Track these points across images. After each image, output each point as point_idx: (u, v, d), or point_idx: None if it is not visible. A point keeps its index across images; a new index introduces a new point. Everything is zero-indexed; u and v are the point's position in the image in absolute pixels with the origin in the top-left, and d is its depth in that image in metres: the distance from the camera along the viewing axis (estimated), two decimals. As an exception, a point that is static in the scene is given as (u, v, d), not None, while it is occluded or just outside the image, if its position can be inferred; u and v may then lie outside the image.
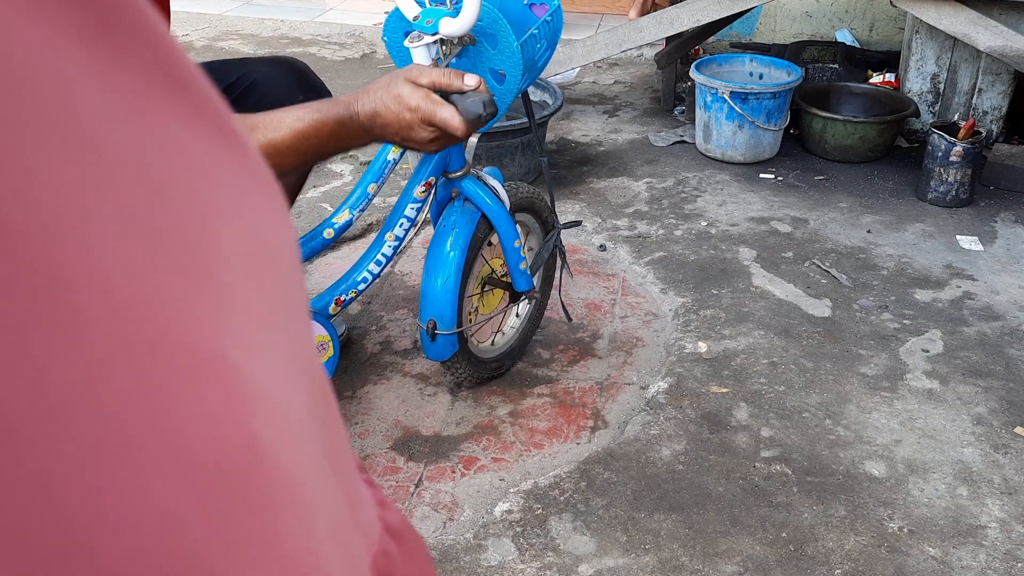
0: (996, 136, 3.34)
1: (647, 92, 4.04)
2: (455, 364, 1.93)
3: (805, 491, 1.77)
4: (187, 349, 0.19)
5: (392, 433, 1.95)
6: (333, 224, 1.80)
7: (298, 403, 0.25)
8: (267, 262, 0.24)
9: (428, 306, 1.79)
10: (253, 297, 0.22)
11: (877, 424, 1.96)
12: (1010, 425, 1.96)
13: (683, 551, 1.63)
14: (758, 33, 4.57)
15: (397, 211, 1.80)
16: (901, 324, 2.32)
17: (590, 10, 5.12)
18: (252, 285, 0.23)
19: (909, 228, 2.82)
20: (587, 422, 1.98)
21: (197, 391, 0.19)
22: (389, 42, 1.71)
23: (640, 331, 2.32)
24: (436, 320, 1.78)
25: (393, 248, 1.81)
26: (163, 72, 0.20)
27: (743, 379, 2.10)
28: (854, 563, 1.60)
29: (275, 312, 0.24)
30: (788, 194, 3.05)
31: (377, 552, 0.32)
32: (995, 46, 2.89)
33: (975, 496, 1.76)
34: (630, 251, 2.68)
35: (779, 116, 3.19)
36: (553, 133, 3.50)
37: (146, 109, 0.19)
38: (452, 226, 1.79)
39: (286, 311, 0.25)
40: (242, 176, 0.23)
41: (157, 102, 0.20)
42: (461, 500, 1.76)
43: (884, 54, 4.02)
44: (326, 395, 0.29)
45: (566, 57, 3.34)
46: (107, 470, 0.18)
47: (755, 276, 2.54)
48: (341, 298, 1.79)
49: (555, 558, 1.61)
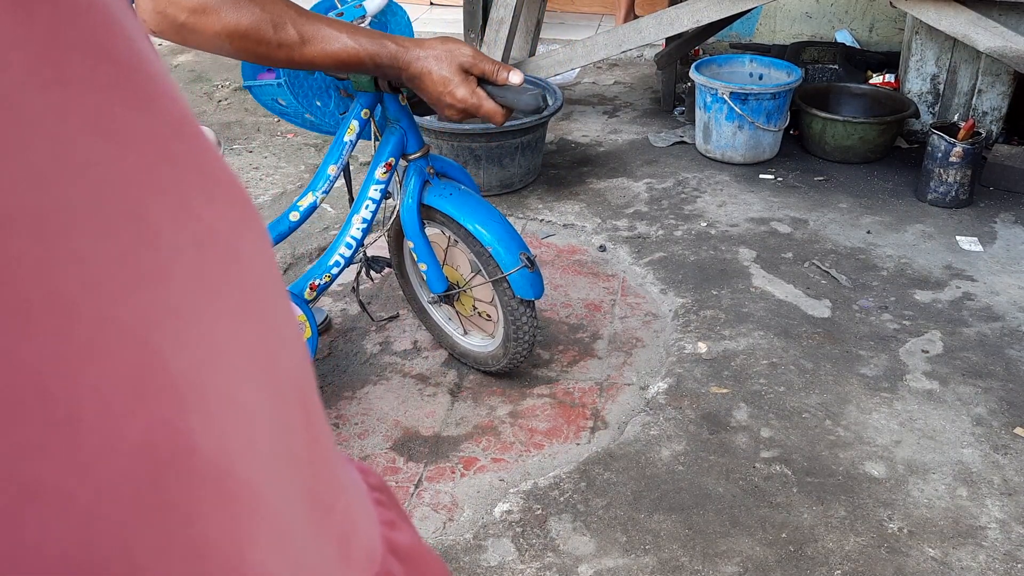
0: (996, 137, 3.34)
1: (647, 93, 4.04)
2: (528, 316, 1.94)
3: (805, 492, 1.77)
4: (118, 339, 0.19)
5: (392, 433, 1.95)
6: (298, 207, 1.84)
7: (255, 405, 0.24)
8: (224, 264, 0.23)
9: (513, 243, 1.82)
10: (201, 296, 0.22)
11: (877, 425, 1.96)
12: (1010, 426, 1.96)
13: (683, 551, 1.63)
14: (758, 34, 4.57)
15: (362, 194, 1.84)
16: (901, 325, 2.32)
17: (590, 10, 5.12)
18: (201, 284, 0.22)
19: (909, 229, 2.83)
20: (587, 422, 1.98)
21: (125, 383, 0.19)
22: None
23: (640, 331, 2.32)
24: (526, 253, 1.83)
25: (362, 231, 1.85)
26: (107, 55, 0.20)
27: (743, 379, 2.10)
28: (854, 564, 1.60)
29: (232, 312, 0.23)
30: (788, 195, 3.05)
31: (379, 573, 0.31)
32: (995, 47, 2.89)
33: (975, 497, 1.76)
34: (630, 251, 2.68)
35: (779, 117, 3.19)
36: (553, 133, 3.50)
37: (69, 79, 0.19)
38: (463, 191, 1.85)
39: (247, 313, 0.24)
40: (194, 177, 0.23)
41: (95, 81, 0.20)
42: (461, 500, 1.76)
43: (884, 55, 4.02)
44: (304, 403, 0.28)
45: (566, 58, 3.34)
46: (32, 442, 0.17)
47: (755, 277, 2.54)
48: (316, 282, 1.84)
49: (555, 558, 1.61)
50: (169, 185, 0.21)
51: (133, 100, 0.20)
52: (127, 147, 0.20)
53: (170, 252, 0.21)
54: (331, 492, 0.30)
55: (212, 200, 0.23)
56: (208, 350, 0.22)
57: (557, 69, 3.39)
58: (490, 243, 1.80)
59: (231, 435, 0.22)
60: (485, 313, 2.02)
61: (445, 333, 2.16)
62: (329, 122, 1.89)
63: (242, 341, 0.24)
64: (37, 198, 0.17)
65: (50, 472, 0.17)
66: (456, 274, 2.03)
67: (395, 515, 0.36)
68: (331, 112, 1.89)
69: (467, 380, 2.12)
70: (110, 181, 0.19)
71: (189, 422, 0.21)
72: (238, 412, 0.23)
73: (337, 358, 2.20)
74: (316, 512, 0.28)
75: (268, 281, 0.26)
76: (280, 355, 0.26)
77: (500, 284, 1.85)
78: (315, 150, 3.41)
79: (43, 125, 0.17)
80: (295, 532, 0.26)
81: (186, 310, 0.21)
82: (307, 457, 0.28)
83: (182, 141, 0.22)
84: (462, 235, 1.86)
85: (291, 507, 0.26)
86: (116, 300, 0.19)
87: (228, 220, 0.24)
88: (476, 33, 3.94)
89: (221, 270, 0.23)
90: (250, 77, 1.85)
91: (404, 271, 2.17)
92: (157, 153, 0.21)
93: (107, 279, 0.19)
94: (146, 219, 0.20)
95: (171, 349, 0.20)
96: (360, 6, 1.80)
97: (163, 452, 0.20)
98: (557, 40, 4.45)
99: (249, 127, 3.63)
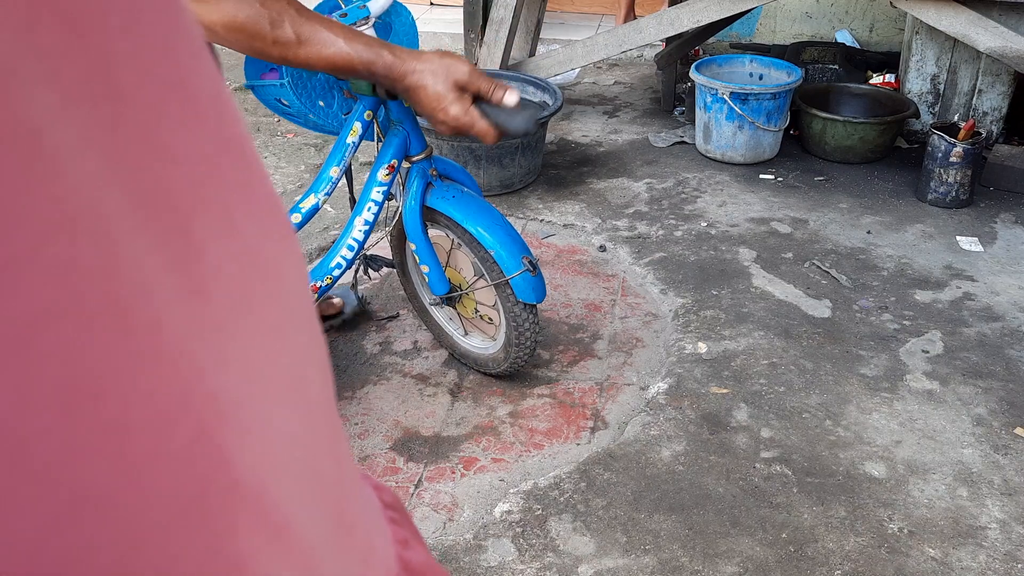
0: (996, 137, 3.34)
1: (647, 93, 4.04)
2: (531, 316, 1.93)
3: (805, 492, 1.77)
4: (165, 348, 0.19)
5: (392, 433, 1.95)
6: (300, 209, 1.84)
7: (287, 426, 0.24)
8: (264, 283, 0.23)
9: (516, 247, 1.81)
10: (241, 313, 0.22)
11: (877, 425, 1.96)
12: (1010, 426, 1.96)
13: (683, 552, 1.63)
14: (758, 34, 4.57)
15: (364, 196, 1.84)
16: (901, 325, 2.32)
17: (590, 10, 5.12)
18: (242, 301, 0.22)
19: (909, 229, 2.83)
20: (587, 423, 1.98)
21: (171, 392, 0.19)
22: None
23: (640, 332, 2.32)
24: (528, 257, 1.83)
25: (364, 233, 1.85)
26: (156, 70, 0.20)
27: (743, 380, 2.10)
28: (854, 564, 1.60)
29: (270, 331, 0.23)
30: (788, 195, 3.05)
31: None
32: (995, 47, 2.89)
33: (975, 497, 1.76)
34: (630, 252, 2.68)
35: (779, 117, 3.19)
36: (553, 133, 3.50)
37: (119, 94, 0.19)
38: (466, 193, 1.85)
39: (283, 333, 0.24)
40: (239, 195, 0.23)
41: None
42: (461, 500, 1.76)
43: (884, 55, 4.02)
44: (331, 423, 0.28)
45: (566, 58, 3.34)
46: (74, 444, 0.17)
47: (755, 277, 2.54)
48: (317, 284, 1.84)
49: (555, 558, 1.61)
50: (214, 202, 0.21)
51: (180, 115, 0.20)
52: (175, 162, 0.20)
53: (214, 267, 0.21)
54: (353, 511, 0.30)
55: (255, 219, 0.23)
56: (246, 368, 0.22)
57: (557, 69, 3.39)
58: (492, 246, 1.80)
59: (265, 455, 0.23)
60: (487, 316, 2.02)
61: (446, 334, 2.16)
62: (332, 122, 1.89)
63: (278, 361, 0.24)
64: (93, 203, 0.17)
65: (101, 476, 0.17)
66: (459, 276, 2.03)
67: (408, 534, 0.36)
68: (334, 113, 1.88)
69: (467, 380, 2.12)
70: (159, 192, 0.19)
71: (227, 438, 0.21)
72: (272, 432, 0.23)
73: (337, 358, 2.20)
74: (341, 531, 0.28)
75: (303, 301, 0.26)
76: (311, 376, 0.26)
77: (502, 288, 1.85)
78: (315, 150, 3.41)
79: (96, 137, 0.17)
80: (322, 553, 0.26)
81: (226, 326, 0.21)
82: (333, 478, 0.28)
83: (229, 159, 0.22)
84: (465, 238, 1.85)
85: (318, 528, 0.26)
86: (164, 309, 0.19)
87: (270, 240, 0.24)
88: (476, 33, 3.94)
89: (261, 288, 0.23)
90: (253, 77, 1.84)
91: (406, 271, 2.17)
92: (204, 169, 0.21)
93: (157, 288, 0.19)
94: (192, 233, 0.20)
95: (212, 364, 0.20)
96: (364, 6, 1.79)
97: (204, 465, 0.20)
98: (557, 40, 4.45)
99: (249, 127, 3.62)
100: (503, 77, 3.20)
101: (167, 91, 0.20)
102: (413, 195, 1.84)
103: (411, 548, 0.35)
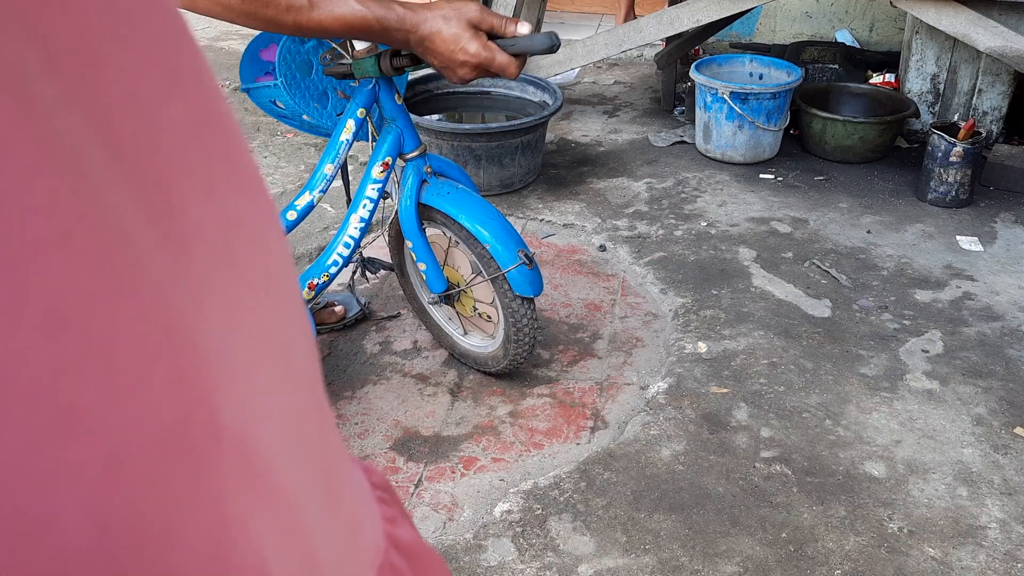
0: (996, 136, 3.34)
1: (647, 92, 4.04)
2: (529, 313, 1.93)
3: (805, 491, 1.77)
4: (146, 289, 0.20)
5: (392, 433, 1.95)
6: (295, 207, 1.84)
7: (273, 384, 0.25)
8: (248, 248, 0.25)
9: (511, 241, 1.81)
10: (225, 273, 0.23)
11: (877, 424, 1.96)
12: (1010, 425, 1.96)
13: (683, 551, 1.63)
14: (758, 33, 4.57)
15: (359, 194, 1.84)
16: (901, 324, 2.32)
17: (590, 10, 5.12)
18: (225, 262, 0.23)
19: (909, 228, 2.83)
20: (587, 422, 1.98)
21: (153, 329, 0.20)
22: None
23: (640, 331, 2.32)
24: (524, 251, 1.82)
25: (360, 230, 1.85)
26: (138, 35, 0.22)
27: (743, 379, 2.10)
28: (854, 563, 1.60)
29: (254, 294, 0.25)
30: (788, 194, 3.05)
31: (383, 564, 0.32)
32: (995, 47, 2.89)
33: (975, 496, 1.76)
34: (630, 251, 2.68)
35: (779, 116, 3.19)
36: (553, 133, 3.50)
37: (103, 61, 0.21)
38: (461, 189, 1.84)
39: (268, 297, 0.26)
40: (221, 165, 0.24)
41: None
42: (461, 500, 1.76)
43: (884, 54, 4.02)
44: (315, 392, 0.29)
45: (566, 57, 3.34)
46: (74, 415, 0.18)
47: (755, 276, 2.54)
48: (314, 282, 1.84)
49: (555, 558, 1.61)
50: (195, 166, 0.23)
51: (161, 85, 0.22)
52: (156, 126, 0.21)
53: (194, 225, 0.22)
54: (341, 483, 0.31)
55: (237, 189, 0.25)
56: (227, 321, 0.23)
57: (557, 69, 3.39)
58: (488, 241, 1.80)
59: (251, 408, 0.23)
60: (485, 314, 2.02)
61: (445, 333, 2.16)
62: (327, 123, 1.89)
63: (261, 321, 0.25)
64: (76, 152, 0.18)
65: (87, 397, 0.18)
66: (456, 275, 2.03)
67: (397, 512, 0.37)
68: (328, 113, 1.88)
69: (467, 380, 2.12)
70: (140, 152, 0.21)
71: (212, 384, 0.22)
72: (257, 387, 0.24)
73: (337, 358, 2.20)
74: (329, 500, 0.29)
75: (286, 271, 0.27)
76: (296, 342, 0.27)
77: (499, 282, 1.85)
78: (315, 149, 3.41)
79: (78, 96, 0.19)
80: (310, 514, 0.27)
81: (207, 280, 0.22)
82: (319, 445, 0.29)
83: (210, 130, 0.24)
84: (462, 235, 1.86)
85: (305, 489, 0.27)
86: (145, 255, 0.20)
87: (251, 209, 0.25)
88: (476, 33, 3.94)
89: (245, 253, 0.24)
90: (248, 80, 1.84)
91: (404, 271, 2.18)
92: (184, 136, 0.23)
93: (138, 236, 0.20)
94: (172, 192, 0.22)
95: (192, 311, 0.21)
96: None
97: (187, 401, 0.21)
98: (557, 40, 4.45)
99: (249, 127, 3.63)
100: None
101: (148, 62, 0.22)
102: (408, 192, 1.84)
103: (399, 526, 0.36)
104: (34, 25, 0.18)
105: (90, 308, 0.18)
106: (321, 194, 1.84)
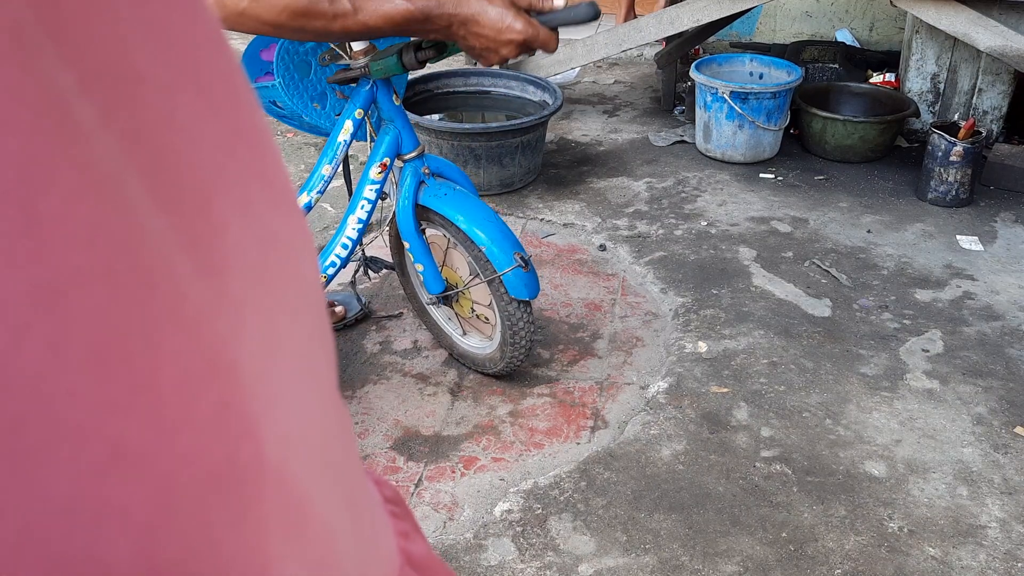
0: (996, 136, 3.34)
1: (647, 92, 4.04)
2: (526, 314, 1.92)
3: (805, 491, 1.77)
4: (188, 316, 0.19)
5: (392, 433, 1.95)
6: None
7: (305, 406, 0.25)
8: (283, 268, 0.24)
9: (507, 243, 1.81)
10: (261, 293, 0.23)
11: (877, 424, 1.96)
12: (1010, 425, 1.96)
13: (683, 551, 1.63)
14: (758, 33, 4.57)
15: (357, 194, 1.84)
16: (901, 324, 2.32)
17: (590, 10, 5.12)
18: (262, 283, 0.23)
19: (909, 228, 2.82)
20: (587, 422, 1.98)
21: (197, 358, 0.20)
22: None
23: (640, 331, 2.32)
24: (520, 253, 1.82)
25: (358, 231, 1.85)
26: (175, 53, 0.21)
27: (743, 379, 2.10)
28: (854, 563, 1.60)
29: (288, 314, 0.24)
30: (788, 194, 3.05)
31: None
32: (995, 46, 2.88)
33: (975, 496, 1.76)
34: (630, 251, 2.68)
35: (779, 116, 3.19)
36: (553, 133, 3.50)
37: (141, 76, 0.20)
38: (458, 191, 1.84)
39: (300, 317, 0.25)
40: (259, 184, 0.23)
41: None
42: (461, 500, 1.76)
43: (884, 54, 4.02)
44: (340, 412, 0.28)
45: (566, 57, 3.34)
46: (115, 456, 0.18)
47: (755, 276, 2.54)
48: None
49: (555, 558, 1.61)
50: (233, 184, 0.22)
51: (197, 101, 0.21)
52: (193, 144, 0.21)
53: (233, 247, 0.21)
54: (362, 501, 0.31)
55: (271, 203, 0.24)
56: (264, 345, 0.22)
57: (557, 69, 3.39)
58: (484, 243, 1.80)
59: (289, 438, 0.23)
60: (483, 316, 2.02)
61: (445, 333, 2.17)
62: (326, 124, 1.89)
63: (292, 340, 0.24)
64: (116, 176, 0.18)
65: (135, 433, 0.18)
66: (455, 276, 2.03)
67: (410, 527, 0.37)
68: (327, 114, 1.88)
69: (467, 379, 2.12)
70: (178, 173, 0.20)
71: (256, 416, 0.21)
72: (293, 414, 0.24)
73: (337, 357, 2.20)
74: (354, 519, 0.29)
75: (313, 284, 0.27)
76: (319, 358, 0.27)
77: (495, 285, 1.85)
78: (315, 149, 3.41)
79: (115, 116, 0.18)
80: (341, 538, 0.27)
81: (245, 303, 0.22)
82: (344, 464, 0.28)
83: (246, 144, 0.23)
84: (459, 237, 1.86)
85: (336, 516, 0.26)
86: (186, 283, 0.20)
87: (284, 223, 0.25)
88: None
89: (281, 273, 0.24)
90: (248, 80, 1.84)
91: (405, 270, 2.18)
92: (221, 152, 0.22)
93: (179, 262, 0.19)
94: (212, 213, 0.21)
95: (232, 337, 0.21)
96: None
97: (236, 440, 0.20)
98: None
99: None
100: (504, 76, 3.20)
101: (183, 78, 0.21)
102: (406, 193, 1.84)
103: (413, 541, 0.36)
104: (69, 43, 0.17)
105: (134, 341, 0.18)
106: (319, 195, 1.84)
